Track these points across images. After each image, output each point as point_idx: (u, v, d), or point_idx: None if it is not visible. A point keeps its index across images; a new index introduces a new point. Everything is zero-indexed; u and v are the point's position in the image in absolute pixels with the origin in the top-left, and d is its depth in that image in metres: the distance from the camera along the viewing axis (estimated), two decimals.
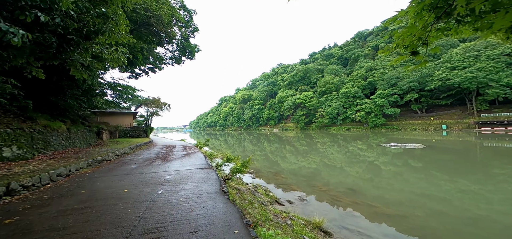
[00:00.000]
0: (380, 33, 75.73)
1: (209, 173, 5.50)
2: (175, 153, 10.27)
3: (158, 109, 22.77)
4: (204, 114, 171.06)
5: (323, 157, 14.98)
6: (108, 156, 7.25)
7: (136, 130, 19.94)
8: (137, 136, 19.51)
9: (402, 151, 15.71)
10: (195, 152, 10.74)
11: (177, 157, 8.53)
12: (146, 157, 8.45)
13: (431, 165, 11.14)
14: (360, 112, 48.25)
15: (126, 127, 19.80)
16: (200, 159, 7.94)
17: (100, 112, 18.75)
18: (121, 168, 6.18)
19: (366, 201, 6.60)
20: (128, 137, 18.96)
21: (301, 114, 63.49)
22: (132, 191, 3.98)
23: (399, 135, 34.15)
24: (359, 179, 9.22)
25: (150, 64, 21.38)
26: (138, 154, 9.45)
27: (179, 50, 16.51)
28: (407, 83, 42.87)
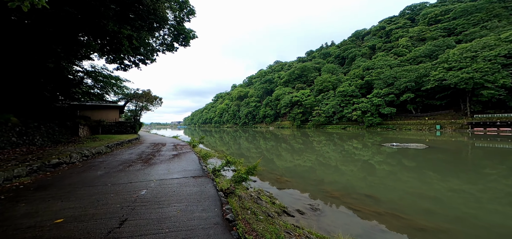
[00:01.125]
0: (377, 33, 75.72)
1: (204, 185, 4.11)
2: (162, 153, 8.76)
3: (148, 104, 20.94)
4: (199, 111, 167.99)
5: (325, 158, 13.92)
6: (71, 157, 5.72)
7: (122, 126, 18.13)
8: (123, 132, 17.75)
9: (410, 151, 14.84)
10: (187, 151, 9.27)
11: (164, 159, 7.07)
12: (124, 159, 6.93)
13: (442, 166, 10.20)
14: (357, 111, 47.86)
15: (110, 122, 17.97)
16: (192, 162, 6.53)
17: (80, 106, 16.85)
18: (80, 176, 4.67)
19: (390, 211, 5.49)
20: (113, 133, 17.19)
21: (298, 112, 62.70)
22: (68, 226, 2.44)
23: (394, 134, 33.86)
24: (373, 183, 8.15)
25: (140, 55, 19.50)
26: (116, 155, 7.88)
27: (172, 35, 14.50)
28: (404, 83, 42.67)
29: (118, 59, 19.13)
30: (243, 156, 16.92)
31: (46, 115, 9.06)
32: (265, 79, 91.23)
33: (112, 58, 19.25)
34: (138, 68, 20.53)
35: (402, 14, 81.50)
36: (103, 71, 14.16)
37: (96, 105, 17.95)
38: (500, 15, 50.13)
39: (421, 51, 51.11)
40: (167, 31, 13.98)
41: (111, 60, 19.15)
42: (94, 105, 17.82)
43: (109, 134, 16.55)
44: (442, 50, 47.62)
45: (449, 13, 62.30)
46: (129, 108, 21.84)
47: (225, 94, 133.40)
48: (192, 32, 14.27)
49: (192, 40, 14.80)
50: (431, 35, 58.62)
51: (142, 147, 11.09)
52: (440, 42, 50.48)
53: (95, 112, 17.66)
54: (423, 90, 40.78)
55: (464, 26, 54.27)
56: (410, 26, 70.07)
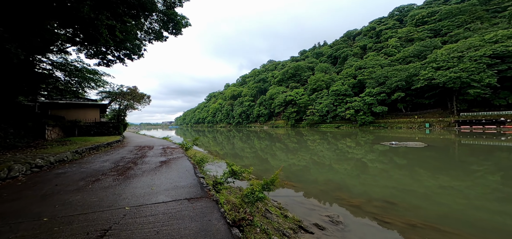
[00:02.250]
0: (368, 33, 76.96)
1: (206, 214, 2.78)
2: (147, 159, 7.31)
3: (134, 102, 19.10)
4: (192, 111, 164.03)
5: (328, 159, 13.08)
6: (10, 170, 4.14)
7: (103, 126, 16.25)
8: (104, 134, 15.93)
9: (411, 150, 14.33)
10: (178, 156, 7.87)
11: (147, 169, 5.64)
12: (93, 170, 5.43)
13: (454, 167, 9.54)
14: (350, 110, 48.11)
15: (89, 122, 16.08)
16: (186, 172, 5.19)
17: (52, 105, 14.88)
18: (5, 205, 3.15)
19: (426, 222, 4.54)
20: (92, 134, 15.33)
21: (292, 111, 62.30)
22: None
23: (386, 132, 34.19)
24: (389, 187, 7.24)
25: (126, 49, 17.45)
26: (84, 163, 6.35)
27: (161, 22, 12.45)
28: (395, 82, 43.32)
29: (99, 53, 16.74)
30: (239, 156, 15.74)
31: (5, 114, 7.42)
32: (258, 79, 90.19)
33: (92, 53, 16.94)
34: (123, 64, 18.04)
35: (391, 15, 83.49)
36: (75, 64, 12.28)
37: (72, 103, 15.96)
38: (482, 17, 52.34)
39: (410, 51, 52.30)
40: (156, 16, 12.17)
41: (91, 55, 16.78)
42: (70, 104, 15.83)
43: (87, 136, 14.72)
44: (429, 50, 48.96)
45: (435, 15, 64.37)
46: (112, 108, 19.84)
47: (218, 94, 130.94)
48: (185, 19, 12.16)
49: (184, 28, 12.86)
50: (418, 36, 60.30)
51: (123, 151, 9.50)
52: (427, 43, 51.92)
53: (71, 112, 15.71)
54: (413, 89, 41.58)
55: (449, 27, 56.22)
56: (399, 27, 71.82)
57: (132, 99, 18.53)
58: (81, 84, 13.51)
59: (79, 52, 16.24)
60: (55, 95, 14.77)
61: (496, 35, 36.29)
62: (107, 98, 20.08)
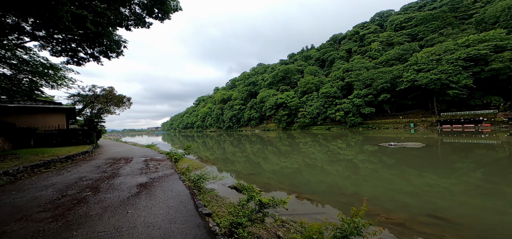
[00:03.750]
0: (352, 37, 79.72)
1: None
2: (119, 180, 5.64)
3: (111, 106, 16.78)
4: (179, 115, 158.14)
5: (330, 164, 12.17)
6: None
7: (70, 135, 13.81)
8: (71, 143, 13.55)
9: (413, 150, 13.99)
10: (166, 174, 6.28)
11: (114, 201, 4.08)
12: (15, 206, 3.77)
13: (473, 167, 9.15)
14: (340, 112, 48.77)
15: (51, 129, 13.62)
16: (179, 205, 3.72)
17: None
18: None
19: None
20: (54, 144, 12.96)
21: (283, 114, 61.97)
22: None
23: (374, 133, 34.88)
24: (421, 196, 6.41)
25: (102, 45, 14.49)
26: (11, 192, 4.62)
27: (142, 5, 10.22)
28: (381, 84, 44.69)
29: (68, 50, 13.72)
30: (238, 162, 14.35)
31: None
32: (249, 82, 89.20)
33: (60, 49, 13.77)
34: (98, 63, 14.66)
35: (373, 20, 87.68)
36: (24, 56, 9.92)
37: (26, 107, 13.27)
38: (452, 23, 56.47)
39: (391, 54, 54.68)
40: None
41: (58, 52, 13.57)
42: (23, 108, 13.15)
43: (47, 146, 12.35)
44: (409, 53, 51.53)
45: (412, 20, 68.43)
46: (80, 111, 17.24)
47: (208, 98, 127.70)
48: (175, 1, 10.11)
49: (174, 13, 10.74)
50: (398, 40, 63.58)
51: (86, 167, 7.66)
52: (407, 46, 54.72)
53: (25, 118, 13.09)
54: (397, 91, 43.13)
55: (424, 32, 59.88)
56: (380, 32, 75.36)
57: (107, 102, 16.23)
58: (33, 81, 10.82)
59: (42, 48, 12.65)
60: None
61: (468, 39, 38.95)
62: (81, 102, 17.44)
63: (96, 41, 12.82)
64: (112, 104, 17.20)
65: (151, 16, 11.31)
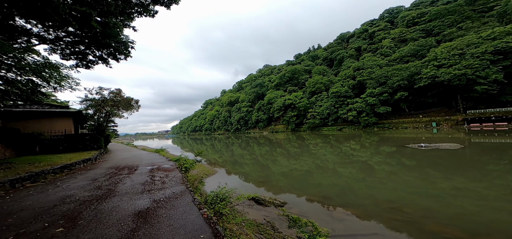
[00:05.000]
0: (361, 35, 76.39)
1: None
2: (112, 203, 4.04)
3: (119, 109, 15.51)
4: (188, 119, 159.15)
5: (359, 169, 10.03)
6: None
7: (77, 140, 12.61)
8: (79, 149, 12.35)
9: (450, 152, 11.57)
10: (175, 194, 4.61)
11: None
12: None
13: None
14: (352, 112, 45.88)
15: (58, 134, 12.47)
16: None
17: (4, 112, 11.22)
18: None
19: None
20: (61, 150, 11.76)
21: (292, 115, 59.63)
22: None
23: (391, 133, 32.04)
24: (475, 208, 4.41)
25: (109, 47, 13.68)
26: None
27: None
28: (397, 82, 41.53)
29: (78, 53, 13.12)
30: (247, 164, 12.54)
31: None
32: (255, 84, 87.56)
33: (69, 52, 13.18)
34: (107, 66, 13.96)
35: (382, 17, 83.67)
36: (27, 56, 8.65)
37: (31, 111, 12.28)
38: (471, 17, 52.13)
39: (405, 51, 51.19)
40: None
41: (67, 55, 13.07)
42: (28, 112, 12.15)
43: (52, 153, 11.13)
44: (425, 49, 47.92)
45: (425, 15, 64.28)
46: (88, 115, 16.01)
47: (215, 101, 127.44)
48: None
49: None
50: (411, 36, 59.73)
51: (82, 179, 6.19)
52: (422, 42, 51.04)
53: (31, 123, 12.05)
54: (416, 88, 39.81)
55: (440, 27, 55.78)
56: (391, 28, 71.57)
57: (115, 105, 14.94)
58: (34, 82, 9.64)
59: (52, 52, 12.26)
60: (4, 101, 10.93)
61: (493, 32, 35.22)
62: (93, 107, 16.37)
63: (103, 43, 12.17)
64: (121, 107, 16.03)
65: (157, 3, 9.78)
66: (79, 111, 14.64)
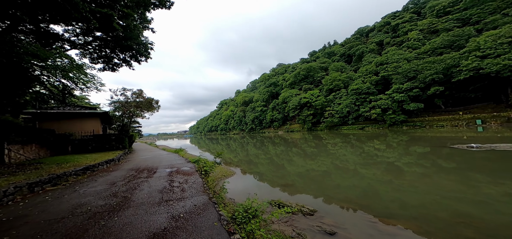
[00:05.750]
0: (382, 29, 70.58)
1: None
2: (118, 225, 3.15)
3: (141, 110, 15.39)
4: (204, 119, 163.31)
5: (407, 174, 8.06)
6: None
7: (104, 140, 12.59)
8: (105, 149, 12.29)
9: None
10: (196, 206, 3.69)
11: None
12: None
13: None
14: (376, 109, 41.92)
15: (87, 135, 12.49)
16: None
17: (39, 115, 11.47)
18: None
19: None
20: (90, 150, 11.72)
21: (308, 114, 56.90)
22: None
23: (424, 132, 28.16)
24: None
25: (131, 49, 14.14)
26: None
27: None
28: (430, 76, 36.81)
29: (105, 57, 14.06)
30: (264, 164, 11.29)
31: None
32: (269, 83, 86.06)
33: (96, 56, 14.18)
34: (130, 68, 15.09)
35: (406, 8, 76.36)
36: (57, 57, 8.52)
37: (64, 113, 12.56)
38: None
39: (438, 42, 45.49)
40: None
41: (95, 59, 14.17)
42: (61, 114, 12.41)
43: (81, 153, 11.06)
44: (463, 39, 41.95)
45: (459, 4, 56.85)
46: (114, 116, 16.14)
47: (230, 101, 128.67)
48: None
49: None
50: (443, 26, 53.12)
51: (100, 183, 5.66)
52: (459, 32, 44.86)
53: (64, 123, 12.26)
54: (453, 83, 34.82)
55: (479, 15, 48.64)
56: (418, 20, 64.86)
57: (137, 106, 14.81)
58: (65, 85, 9.80)
59: (82, 57, 13.34)
60: (42, 103, 11.11)
61: None
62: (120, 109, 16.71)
63: (126, 45, 12.66)
64: (143, 108, 16.08)
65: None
66: (106, 112, 14.96)
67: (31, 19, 8.09)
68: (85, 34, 12.32)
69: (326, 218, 5.29)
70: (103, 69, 14.39)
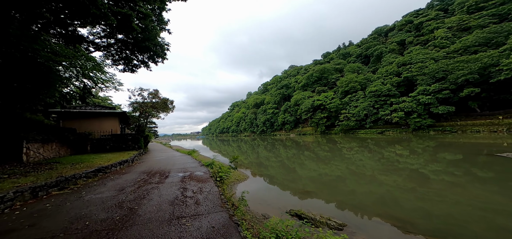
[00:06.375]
0: (403, 28, 65.82)
1: None
2: None
3: (157, 111, 15.40)
4: (216, 121, 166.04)
5: (442, 183, 6.58)
6: None
7: (120, 140, 12.62)
8: (121, 149, 12.30)
9: None
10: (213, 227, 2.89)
11: None
12: None
13: None
14: (398, 112, 38.57)
15: (105, 134, 12.60)
16: None
17: (63, 114, 11.76)
18: None
19: None
20: (107, 150, 11.74)
21: (322, 117, 54.51)
22: None
23: (455, 138, 24.89)
24: None
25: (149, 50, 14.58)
26: None
27: None
28: (462, 76, 32.90)
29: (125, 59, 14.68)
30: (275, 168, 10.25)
31: None
32: (281, 85, 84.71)
33: (117, 58, 14.91)
34: (148, 69, 15.83)
35: (431, 6, 70.56)
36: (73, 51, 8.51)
37: (85, 112, 12.83)
38: None
39: (471, 40, 40.81)
40: None
41: (116, 60, 14.90)
42: (82, 113, 12.67)
43: (100, 152, 11.09)
44: (502, 36, 37.08)
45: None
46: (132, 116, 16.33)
47: (241, 103, 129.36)
48: None
49: None
50: (477, 23, 47.78)
51: (109, 188, 5.19)
52: (497, 28, 39.84)
53: (84, 122, 12.49)
54: (491, 84, 30.70)
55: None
56: (444, 17, 59.35)
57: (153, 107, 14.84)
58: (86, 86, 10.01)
59: (105, 58, 13.91)
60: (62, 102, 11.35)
61: None
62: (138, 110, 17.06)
63: (144, 46, 13.07)
64: (159, 109, 16.20)
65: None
66: (124, 112, 15.30)
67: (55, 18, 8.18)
68: (107, 36, 12.93)
69: (359, 234, 4.35)
70: (123, 70, 15.22)
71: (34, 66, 6.03)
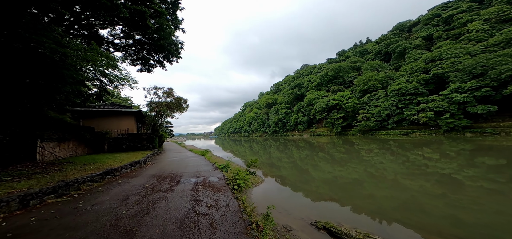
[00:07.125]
0: (430, 22, 60.01)
1: None
2: None
3: (172, 110, 15.19)
4: (229, 121, 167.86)
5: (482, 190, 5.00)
6: None
7: (136, 139, 12.46)
8: (137, 148, 12.11)
9: None
10: None
11: None
12: None
13: None
14: (427, 112, 34.79)
15: (122, 133, 12.53)
16: None
17: (82, 112, 11.85)
18: None
19: None
20: (123, 149, 11.59)
21: (338, 117, 51.63)
22: None
23: (496, 140, 21.36)
24: None
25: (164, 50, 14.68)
26: None
27: None
28: (506, 72, 28.53)
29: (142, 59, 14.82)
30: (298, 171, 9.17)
31: None
32: (293, 85, 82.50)
33: (135, 58, 15.25)
34: (163, 68, 15.73)
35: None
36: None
37: (103, 111, 12.88)
38: None
39: None
40: None
41: (134, 60, 15.22)
42: (100, 112, 12.73)
43: (115, 151, 10.94)
44: None
45: None
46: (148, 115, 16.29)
47: (253, 103, 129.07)
48: None
49: None
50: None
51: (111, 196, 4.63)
52: None
53: (102, 121, 12.54)
54: None
55: None
56: (479, 8, 52.81)
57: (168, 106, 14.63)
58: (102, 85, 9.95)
59: (125, 59, 14.31)
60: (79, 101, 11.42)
61: None
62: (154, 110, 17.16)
63: (159, 45, 13.27)
64: (173, 108, 16.07)
65: None
66: (140, 111, 15.37)
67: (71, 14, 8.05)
68: (126, 37, 13.21)
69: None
70: (140, 70, 15.49)
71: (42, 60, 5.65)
